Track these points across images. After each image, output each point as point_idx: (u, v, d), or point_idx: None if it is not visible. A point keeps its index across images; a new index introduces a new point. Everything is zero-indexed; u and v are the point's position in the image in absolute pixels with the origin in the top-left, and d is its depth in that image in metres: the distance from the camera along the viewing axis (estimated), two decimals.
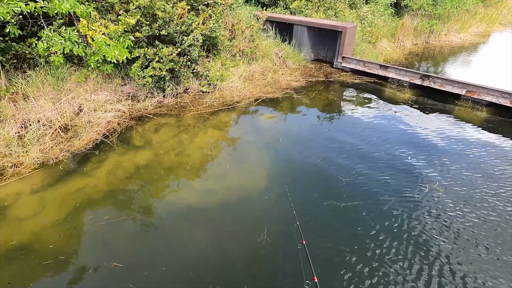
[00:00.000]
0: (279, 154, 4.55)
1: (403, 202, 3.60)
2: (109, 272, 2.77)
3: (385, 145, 4.79)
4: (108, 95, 5.66)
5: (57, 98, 5.17)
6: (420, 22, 11.40)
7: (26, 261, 2.83)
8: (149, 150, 4.50)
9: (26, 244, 2.98)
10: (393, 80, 7.26)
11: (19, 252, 2.90)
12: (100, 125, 4.91)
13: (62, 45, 4.97)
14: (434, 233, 3.18)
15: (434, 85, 6.65)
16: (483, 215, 3.42)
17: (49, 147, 4.28)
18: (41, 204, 3.43)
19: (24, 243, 2.99)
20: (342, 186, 3.87)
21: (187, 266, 2.83)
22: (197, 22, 5.88)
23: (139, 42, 5.58)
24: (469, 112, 5.98)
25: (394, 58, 9.71)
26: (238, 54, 7.27)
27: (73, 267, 2.82)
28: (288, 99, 6.39)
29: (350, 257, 2.91)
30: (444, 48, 11.50)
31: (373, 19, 10.26)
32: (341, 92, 6.96)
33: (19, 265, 2.79)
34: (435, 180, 3.98)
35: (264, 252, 2.98)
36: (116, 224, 3.24)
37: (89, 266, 2.83)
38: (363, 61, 7.72)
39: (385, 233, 3.19)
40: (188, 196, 3.66)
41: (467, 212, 3.46)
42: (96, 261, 2.88)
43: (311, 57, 8.86)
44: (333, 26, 7.60)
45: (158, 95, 5.91)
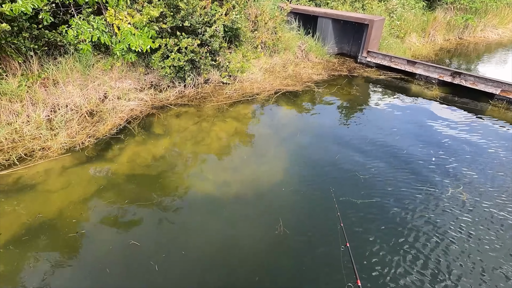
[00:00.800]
0: (297, 148, 4.49)
1: (426, 205, 3.46)
2: (126, 249, 2.89)
3: (408, 144, 4.60)
4: (131, 83, 5.82)
5: (84, 84, 5.37)
6: (454, 16, 10.76)
7: (52, 232, 3.01)
8: (169, 139, 4.60)
9: (52, 217, 3.17)
10: (421, 76, 6.93)
11: (46, 224, 3.09)
12: (124, 111, 5.06)
13: (90, 33, 5.14)
14: (476, 244, 3.04)
15: (466, 83, 6.27)
16: (507, 223, 3.21)
17: (75, 131, 4.48)
18: (66, 183, 3.61)
19: (50, 217, 3.18)
20: (360, 183, 3.77)
21: (202, 254, 2.88)
22: (220, 13, 5.87)
23: (162, 32, 5.66)
24: (503, 113, 5.60)
25: (423, 53, 9.26)
26: (260, 46, 7.21)
27: (93, 241, 2.97)
28: (309, 92, 6.28)
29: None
30: (479, 44, 10.81)
31: (402, 12, 9.81)
32: (364, 88, 6.74)
33: (45, 236, 2.97)
34: (459, 184, 3.78)
35: (279, 244, 2.97)
36: (134, 208, 3.35)
37: (108, 241, 2.97)
38: (389, 56, 7.41)
39: (396, 231, 3.08)
40: (203, 186, 3.71)
41: (491, 221, 3.27)
42: (115, 238, 3.01)
43: (335, 51, 8.62)
44: (359, 19, 7.33)
45: (179, 85, 6.00)
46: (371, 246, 2.95)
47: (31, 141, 4.22)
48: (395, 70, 7.38)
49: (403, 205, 3.45)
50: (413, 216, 3.31)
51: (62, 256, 2.83)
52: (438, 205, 3.45)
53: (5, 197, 3.39)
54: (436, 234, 3.08)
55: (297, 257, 2.85)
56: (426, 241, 3.00)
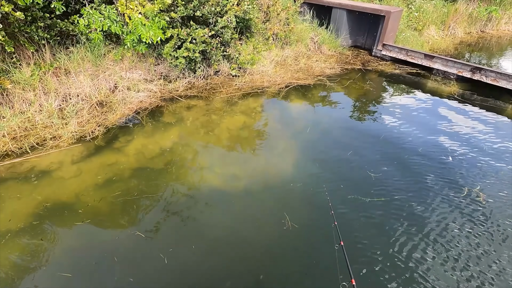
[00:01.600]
0: (307, 143, 4.40)
1: (439, 204, 3.34)
2: (132, 240, 2.93)
3: (422, 141, 4.44)
4: (142, 74, 5.81)
5: (95, 74, 5.40)
6: (477, 8, 10.25)
7: (63, 217, 3.10)
8: (177, 130, 4.58)
9: (59, 207, 3.23)
10: (438, 71, 6.66)
11: (54, 212, 3.16)
12: (133, 103, 5.07)
13: (101, 22, 5.14)
14: (477, 245, 2.93)
15: (486, 79, 5.99)
16: None
17: (86, 120, 4.52)
18: (76, 173, 3.66)
19: (58, 206, 3.24)
20: (371, 181, 3.67)
21: (209, 248, 2.88)
22: (232, 3, 5.74)
23: (173, 22, 5.59)
24: None
25: (442, 47, 8.89)
26: (271, 37, 7.06)
27: (99, 230, 3.03)
28: (321, 86, 6.13)
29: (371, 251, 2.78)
30: (502, 38, 10.30)
31: (422, 3, 9.40)
32: (378, 82, 6.53)
33: (57, 220, 3.06)
34: (476, 184, 3.63)
35: (287, 239, 2.95)
36: (141, 200, 3.37)
37: (114, 231, 3.02)
38: (405, 49, 7.13)
39: (407, 231, 2.99)
40: (211, 179, 3.69)
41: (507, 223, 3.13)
42: (122, 228, 3.05)
43: (349, 43, 8.37)
44: (376, 10, 7.06)
45: (189, 76, 5.95)
46: (377, 243, 2.88)
47: (43, 129, 4.29)
48: (412, 64, 7.11)
49: (415, 203, 3.34)
50: (429, 214, 3.20)
51: (69, 242, 2.89)
52: (452, 203, 3.33)
53: (17, 184, 3.46)
54: (443, 233, 2.98)
55: (299, 254, 2.82)
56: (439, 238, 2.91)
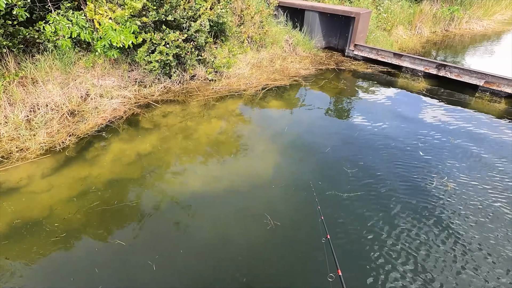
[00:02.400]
0: (285, 143, 4.46)
1: (412, 194, 3.48)
2: (113, 249, 2.86)
3: (395, 136, 4.62)
4: (115, 81, 5.67)
5: (65, 82, 5.21)
6: (440, 8, 10.84)
7: (33, 237, 2.93)
8: (155, 136, 4.50)
9: (33, 221, 3.08)
10: (407, 69, 6.97)
11: (28, 228, 3.01)
12: (106, 111, 4.93)
13: (70, 29, 4.97)
14: (456, 227, 3.08)
15: (451, 75, 6.34)
16: (490, 211, 3.27)
17: (55, 130, 4.34)
18: (48, 186, 3.51)
19: (32, 220, 3.09)
20: (347, 177, 3.78)
21: (193, 253, 2.85)
22: (205, 7, 5.74)
23: (145, 27, 5.51)
24: (487, 104, 5.68)
25: (410, 46, 9.31)
26: (246, 40, 7.11)
27: (78, 243, 2.93)
28: (296, 87, 6.24)
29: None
30: (464, 36, 10.94)
31: (389, 5, 9.82)
32: (351, 81, 6.74)
33: (27, 240, 2.90)
34: (444, 174, 3.82)
35: (272, 238, 2.98)
36: (120, 208, 3.29)
37: (94, 242, 2.92)
38: (376, 49, 7.42)
39: (386, 223, 3.10)
40: (192, 183, 3.66)
41: (474, 210, 3.32)
42: (102, 238, 2.96)
43: (323, 44, 8.59)
44: (346, 12, 7.30)
45: (165, 81, 5.88)
46: (355, 236, 2.96)
47: (9, 142, 4.08)
48: (382, 63, 7.40)
49: (390, 196, 3.47)
50: (404, 204, 3.33)
51: (46, 258, 2.76)
52: (423, 195, 3.48)
53: None
54: (418, 224, 3.11)
55: (285, 250, 2.85)
56: (410, 231, 3.03)
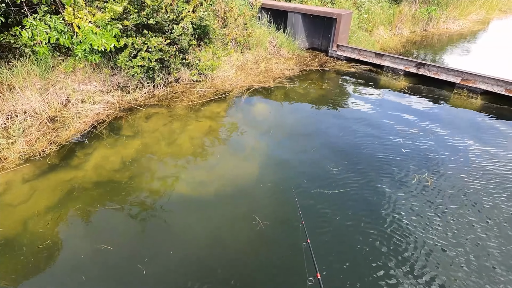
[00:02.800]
0: (271, 144, 4.49)
1: (394, 192, 3.57)
2: (99, 255, 2.81)
3: (379, 134, 4.73)
4: (97, 86, 5.56)
5: (45, 88, 5.07)
6: (419, 9, 11.18)
7: (14, 248, 2.84)
8: (139, 141, 4.44)
9: (15, 231, 2.98)
10: (388, 68, 7.15)
11: (7, 240, 2.90)
12: (88, 116, 4.83)
13: (48, 34, 4.85)
14: (429, 227, 3.17)
15: (429, 73, 6.55)
16: (469, 206, 3.40)
17: (35, 138, 4.21)
18: (29, 195, 3.40)
19: (12, 230, 2.99)
20: (332, 175, 3.84)
21: (181, 256, 2.82)
22: (187, 10, 5.72)
23: (127, 30, 5.44)
24: (464, 101, 5.90)
25: (390, 46, 9.55)
26: (230, 42, 7.12)
27: (62, 250, 2.86)
28: (281, 88, 6.30)
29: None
30: (442, 35, 11.31)
31: (370, 6, 10.05)
32: (335, 81, 6.86)
33: (7, 252, 2.80)
34: (425, 170, 3.94)
35: (259, 241, 2.98)
36: (106, 213, 3.24)
37: (80, 249, 2.87)
38: (358, 49, 7.58)
39: (376, 221, 3.17)
40: (178, 186, 3.63)
41: (454, 204, 3.44)
42: (86, 245, 2.91)
43: (306, 45, 8.70)
44: (328, 13, 7.43)
45: (148, 85, 5.81)
46: (334, 238, 3.01)
47: None
48: (364, 62, 7.56)
49: (373, 193, 3.55)
50: (386, 201, 3.41)
51: (30, 269, 2.67)
52: (405, 191, 3.58)
53: None
54: (399, 222, 3.20)
55: (270, 254, 2.87)
56: (392, 231, 3.11)
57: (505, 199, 3.45)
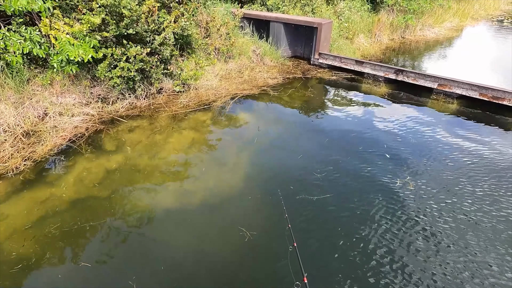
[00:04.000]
0: (257, 152, 4.47)
1: (381, 197, 3.61)
2: (78, 273, 2.70)
3: (361, 140, 4.80)
4: (76, 98, 5.41)
5: (20, 102, 4.89)
6: (396, 17, 11.59)
7: None
8: (121, 154, 4.32)
9: None
10: (368, 75, 7.33)
11: None
12: (66, 130, 4.67)
13: (21, 44, 4.70)
14: (415, 227, 3.21)
15: (408, 79, 6.75)
16: (449, 207, 3.47)
17: (8, 155, 4.03)
18: (2, 214, 3.23)
19: None
20: (316, 180, 3.85)
21: (166, 271, 2.72)
22: (169, 20, 5.69)
23: (107, 41, 5.35)
24: (441, 105, 6.10)
25: (371, 53, 9.82)
26: (213, 52, 7.13)
27: (39, 272, 2.72)
28: (265, 96, 6.33)
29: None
30: (419, 42, 11.74)
31: (350, 15, 10.34)
32: (318, 89, 6.96)
33: None
34: (406, 175, 4.02)
35: (245, 252, 2.94)
36: (86, 230, 3.11)
37: (58, 268, 2.75)
38: (339, 57, 7.74)
39: (360, 226, 3.18)
40: (163, 199, 3.55)
41: (435, 207, 3.51)
42: (65, 263, 2.78)
43: (289, 54, 8.82)
44: (309, 22, 7.58)
45: (130, 96, 5.70)
46: (320, 242, 3.00)
47: None
48: (346, 70, 7.73)
49: (357, 198, 3.57)
50: (370, 206, 3.43)
51: None
52: (388, 196, 3.63)
53: None
54: (384, 225, 3.23)
55: (256, 261, 2.82)
56: (375, 234, 3.13)
57: (482, 198, 3.55)
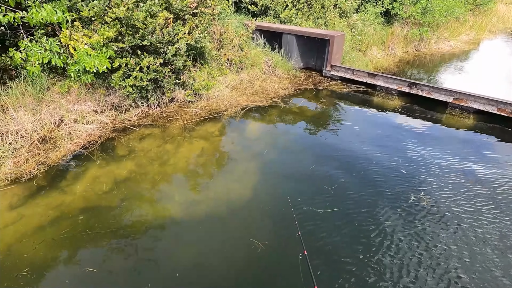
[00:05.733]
0: (266, 164, 4.44)
1: (391, 212, 3.49)
2: (85, 280, 2.71)
3: (373, 153, 4.70)
4: (91, 106, 5.57)
5: (38, 109, 5.06)
6: (410, 30, 11.49)
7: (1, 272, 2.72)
8: (131, 162, 4.38)
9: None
10: (381, 88, 7.24)
11: None
12: (80, 137, 4.79)
13: (41, 55, 4.90)
14: (425, 243, 3.07)
15: (422, 92, 6.62)
16: (466, 224, 3.31)
17: (24, 159, 4.15)
18: (15, 217, 3.32)
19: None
20: (327, 195, 3.78)
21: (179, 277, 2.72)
22: (183, 32, 5.84)
23: (123, 51, 5.52)
24: (457, 120, 5.93)
25: (384, 66, 9.73)
26: (226, 63, 7.23)
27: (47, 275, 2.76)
28: (276, 108, 6.33)
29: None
30: (434, 55, 11.57)
31: (363, 27, 10.33)
32: (330, 101, 6.91)
33: None
34: (420, 190, 3.88)
35: (255, 260, 2.92)
36: (95, 236, 3.14)
37: (65, 272, 2.79)
38: (351, 69, 7.70)
39: (367, 241, 3.07)
40: (172, 209, 3.55)
41: (450, 224, 3.36)
42: (73, 270, 2.82)
43: (301, 65, 8.85)
44: (321, 34, 7.60)
45: (143, 105, 5.82)
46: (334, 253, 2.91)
47: None
48: (358, 82, 7.67)
49: (368, 213, 3.47)
50: (383, 220, 3.32)
51: None
52: (402, 211, 3.50)
53: None
54: (396, 239, 3.10)
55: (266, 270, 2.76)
56: (388, 246, 3.01)
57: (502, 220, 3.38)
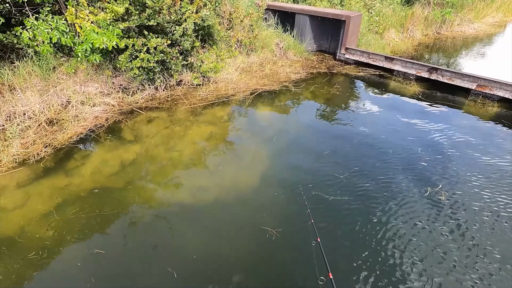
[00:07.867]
0: (275, 150, 4.29)
1: (405, 203, 3.33)
2: (93, 262, 2.72)
3: (389, 141, 4.48)
4: (98, 87, 5.47)
5: (45, 90, 5.00)
6: (432, 11, 10.82)
7: (11, 253, 2.76)
8: (138, 145, 4.31)
9: (9, 237, 2.91)
10: (399, 72, 6.87)
11: (3, 244, 2.83)
12: (87, 119, 4.73)
13: (49, 34, 4.78)
14: (445, 239, 2.92)
15: (443, 78, 6.24)
16: (486, 221, 3.13)
17: (31, 141, 4.13)
18: (24, 199, 3.32)
19: (6, 237, 2.91)
20: (339, 182, 3.64)
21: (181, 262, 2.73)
22: (191, 11, 5.59)
23: (129, 31, 5.34)
24: (479, 108, 5.58)
25: (402, 49, 9.24)
26: (235, 44, 6.96)
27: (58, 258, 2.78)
28: (287, 92, 6.10)
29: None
30: (456, 39, 10.92)
31: (381, 8, 9.76)
32: (343, 85, 6.61)
33: (4, 258, 2.71)
34: (438, 183, 3.68)
35: (265, 247, 2.87)
36: (102, 220, 3.12)
37: (72, 253, 2.80)
38: (367, 52, 7.32)
39: (377, 225, 2.94)
40: (180, 194, 3.50)
41: (469, 218, 3.17)
42: (83, 251, 2.82)
43: (314, 48, 8.48)
44: (336, 15, 7.19)
45: (150, 87, 5.69)
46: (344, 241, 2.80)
47: None
48: (374, 66, 7.30)
49: (384, 202, 3.31)
50: (397, 211, 3.17)
51: (24, 277, 2.57)
52: (418, 202, 3.33)
53: None
54: (409, 229, 2.96)
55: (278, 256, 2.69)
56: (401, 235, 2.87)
57: None
